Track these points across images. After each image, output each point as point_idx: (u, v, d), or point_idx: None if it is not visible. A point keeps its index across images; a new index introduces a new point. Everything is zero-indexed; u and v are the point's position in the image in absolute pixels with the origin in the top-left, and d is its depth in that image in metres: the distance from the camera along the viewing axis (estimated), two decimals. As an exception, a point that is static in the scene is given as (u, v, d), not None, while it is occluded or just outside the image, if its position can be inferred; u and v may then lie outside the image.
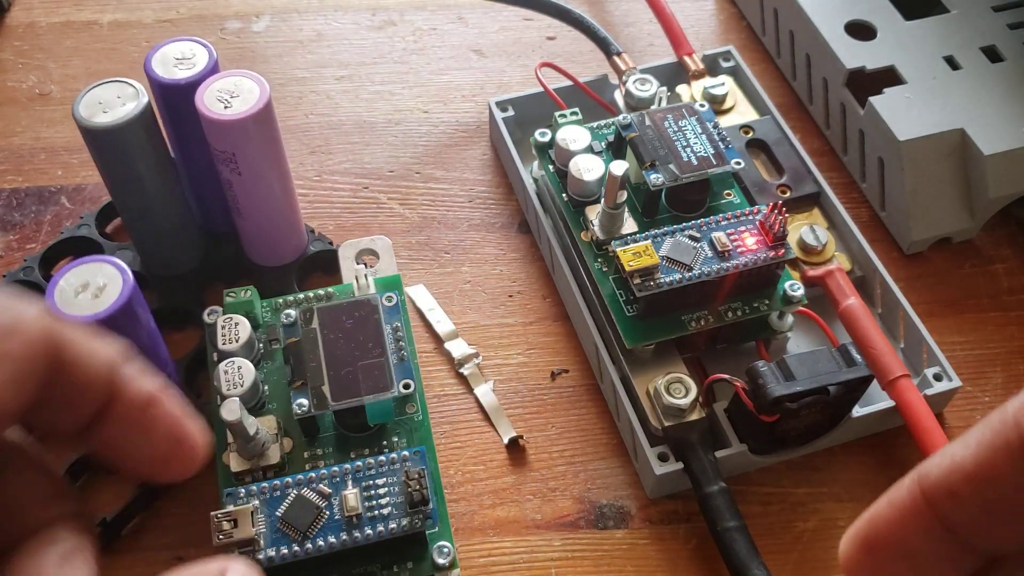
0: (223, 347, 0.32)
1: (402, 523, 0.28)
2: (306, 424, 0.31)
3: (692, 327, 0.33)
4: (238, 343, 0.32)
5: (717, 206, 0.37)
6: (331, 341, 0.31)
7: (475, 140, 0.44)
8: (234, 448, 0.30)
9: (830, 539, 0.33)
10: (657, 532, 0.33)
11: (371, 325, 0.32)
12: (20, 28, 0.48)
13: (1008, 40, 0.41)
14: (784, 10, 0.45)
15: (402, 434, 0.32)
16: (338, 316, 0.32)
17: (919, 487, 0.17)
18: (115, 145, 0.32)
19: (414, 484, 0.28)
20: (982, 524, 0.16)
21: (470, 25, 0.48)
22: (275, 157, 0.34)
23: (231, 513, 0.28)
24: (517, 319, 0.38)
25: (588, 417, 0.36)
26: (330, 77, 0.46)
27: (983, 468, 0.16)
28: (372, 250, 0.37)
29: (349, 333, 0.31)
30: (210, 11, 0.49)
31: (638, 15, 0.49)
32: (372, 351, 0.31)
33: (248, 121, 0.32)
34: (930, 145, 0.38)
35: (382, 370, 0.31)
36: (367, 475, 0.29)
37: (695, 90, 0.42)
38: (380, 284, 0.35)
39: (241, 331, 0.32)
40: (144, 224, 0.36)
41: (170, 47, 0.34)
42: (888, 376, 0.33)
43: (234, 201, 0.35)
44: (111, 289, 0.28)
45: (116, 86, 0.33)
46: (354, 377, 0.30)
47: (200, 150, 0.34)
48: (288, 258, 0.38)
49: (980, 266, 0.40)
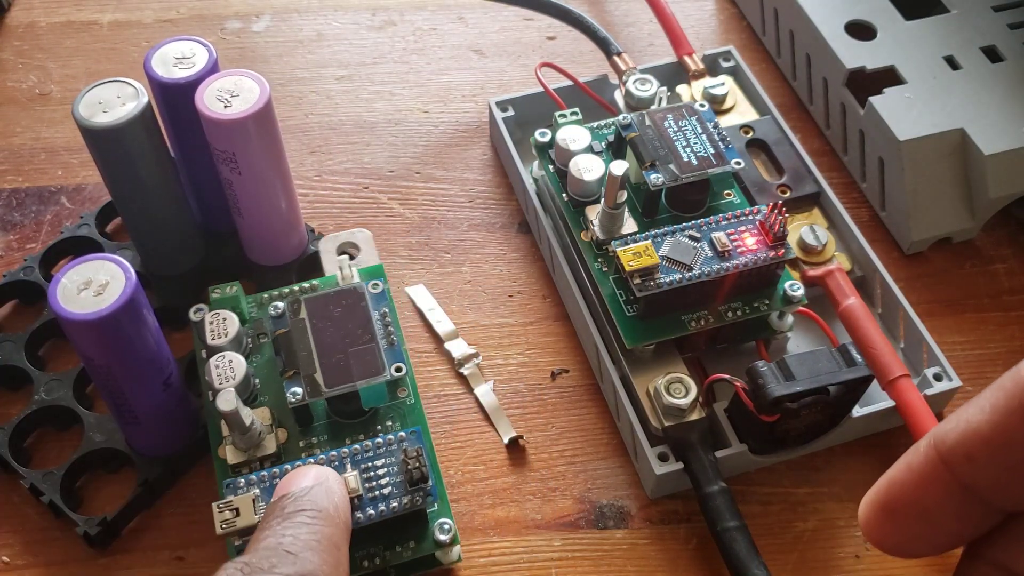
0: (212, 342, 0.32)
1: (403, 501, 0.28)
2: (300, 413, 0.31)
3: (692, 327, 0.33)
4: (227, 338, 0.32)
5: (717, 206, 0.37)
6: (320, 330, 0.31)
7: (475, 140, 0.44)
8: (230, 441, 0.30)
9: (830, 539, 0.33)
10: (657, 532, 0.33)
11: (359, 312, 0.32)
12: (20, 28, 0.48)
13: (1008, 40, 0.41)
14: (784, 10, 0.45)
15: (395, 418, 0.32)
16: (326, 305, 0.32)
17: (936, 451, 0.17)
18: (115, 145, 0.32)
19: (413, 462, 0.28)
20: (1000, 484, 0.17)
21: (470, 25, 0.48)
22: (275, 157, 0.34)
23: (232, 502, 0.28)
24: (517, 319, 0.38)
25: (588, 417, 0.36)
26: (330, 77, 0.46)
27: (998, 432, 0.16)
28: (353, 243, 0.37)
29: (338, 321, 0.32)
30: (210, 11, 0.49)
31: (638, 15, 0.49)
32: (362, 337, 0.31)
33: (248, 120, 0.32)
34: (930, 145, 0.38)
35: (373, 355, 0.31)
36: (365, 457, 0.29)
37: (695, 90, 0.42)
38: (364, 273, 0.35)
39: (229, 326, 0.32)
40: (144, 224, 0.36)
41: (170, 47, 0.34)
42: (888, 376, 0.33)
43: (234, 201, 0.35)
44: (114, 286, 0.28)
45: (116, 86, 0.33)
46: (346, 363, 0.31)
47: (200, 150, 0.34)
48: (289, 257, 0.38)
49: (980, 266, 0.40)
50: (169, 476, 0.33)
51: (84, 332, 0.28)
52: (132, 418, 0.31)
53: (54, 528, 0.32)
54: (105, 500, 0.33)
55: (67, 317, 0.27)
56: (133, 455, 0.33)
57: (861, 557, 0.32)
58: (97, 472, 0.34)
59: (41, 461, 0.34)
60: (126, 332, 0.29)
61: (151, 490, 0.33)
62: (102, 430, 0.33)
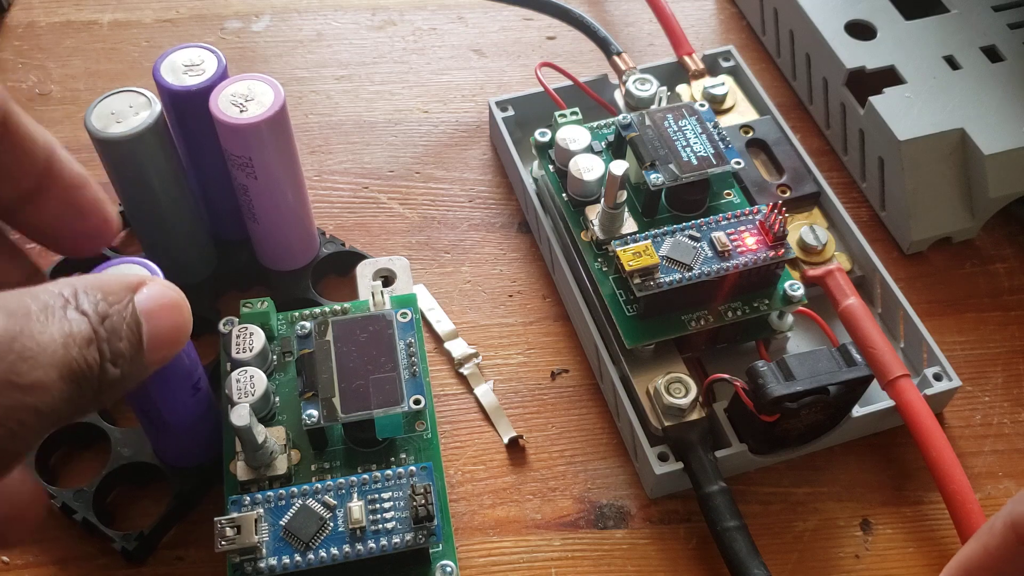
0: (237, 356, 0.32)
1: (406, 538, 0.28)
2: (315, 436, 0.31)
3: (692, 327, 0.33)
4: (252, 352, 0.32)
5: (717, 206, 0.37)
6: (344, 354, 0.31)
7: (475, 140, 0.44)
8: (241, 457, 0.30)
9: (830, 539, 0.33)
10: (657, 532, 0.33)
11: (384, 340, 0.31)
12: (20, 28, 0.48)
13: (1008, 40, 0.41)
14: (784, 10, 0.45)
15: (410, 451, 0.32)
16: (352, 329, 0.32)
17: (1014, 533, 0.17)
18: (130, 156, 0.32)
19: (419, 499, 0.28)
20: None
21: (470, 25, 0.48)
22: (291, 159, 0.34)
23: (235, 519, 0.27)
24: (517, 319, 0.38)
25: (588, 417, 0.36)
26: (330, 77, 0.46)
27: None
28: (390, 269, 0.37)
29: (362, 347, 0.31)
30: (210, 11, 0.49)
31: (638, 15, 0.49)
32: (384, 365, 0.31)
33: (266, 124, 0.31)
34: (930, 145, 0.38)
35: (393, 384, 0.30)
36: (373, 488, 0.29)
37: (695, 90, 0.42)
38: (396, 301, 0.34)
39: (256, 341, 0.32)
40: (158, 234, 0.35)
41: (177, 54, 0.33)
42: (888, 376, 0.33)
43: (248, 206, 0.35)
44: None
45: (127, 96, 0.32)
46: (365, 390, 0.30)
47: (211, 157, 0.34)
48: (302, 262, 0.38)
49: (980, 266, 0.40)
50: (203, 487, 0.33)
51: None
52: (163, 426, 0.31)
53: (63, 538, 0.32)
54: (136, 514, 0.33)
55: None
56: (164, 468, 0.32)
57: (861, 557, 0.32)
58: (124, 487, 0.33)
59: (66, 479, 0.34)
60: None
61: (185, 501, 0.32)
62: (129, 444, 0.33)
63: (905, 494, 0.34)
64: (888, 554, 0.32)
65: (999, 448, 0.35)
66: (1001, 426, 0.35)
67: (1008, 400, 0.36)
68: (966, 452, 0.35)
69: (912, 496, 0.34)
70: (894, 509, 0.33)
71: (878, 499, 0.34)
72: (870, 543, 0.33)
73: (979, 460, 0.35)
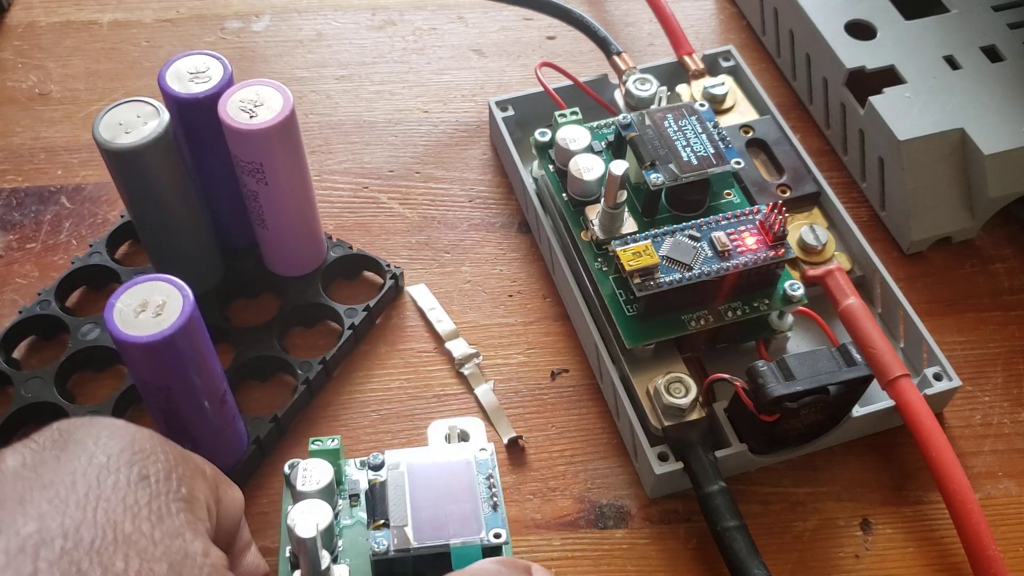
0: (302, 488, 0.29)
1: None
2: (381, 568, 0.29)
3: (692, 327, 0.33)
4: (318, 486, 0.30)
5: (717, 206, 0.37)
6: (419, 485, 0.29)
7: (475, 140, 0.44)
8: None
9: (830, 539, 0.33)
10: (657, 532, 0.33)
11: (461, 472, 0.30)
12: (20, 28, 0.48)
13: (1008, 40, 0.41)
14: (784, 10, 0.45)
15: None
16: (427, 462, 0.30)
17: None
18: (139, 166, 0.32)
19: None
20: None
21: (470, 25, 0.48)
22: (300, 163, 0.34)
23: None
24: (517, 319, 0.38)
25: (588, 417, 0.36)
26: (330, 77, 0.46)
27: None
28: (464, 431, 0.34)
29: (438, 479, 0.30)
30: (210, 11, 0.49)
31: (638, 15, 0.49)
32: (461, 497, 0.29)
33: (277, 129, 0.31)
34: (930, 145, 0.38)
35: (472, 515, 0.29)
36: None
37: (695, 90, 0.42)
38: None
39: (322, 475, 0.30)
40: (168, 243, 0.35)
41: (181, 62, 0.33)
42: (888, 376, 0.33)
43: (258, 212, 0.34)
44: (172, 305, 0.27)
45: (134, 105, 0.32)
46: (441, 519, 0.29)
47: (218, 164, 0.34)
48: (311, 266, 0.37)
49: (980, 266, 0.40)
50: None
51: (147, 355, 0.27)
52: (188, 438, 0.30)
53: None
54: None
55: (129, 341, 0.26)
56: None
57: (861, 557, 0.32)
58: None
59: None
60: (188, 351, 0.28)
61: None
62: None
63: (905, 494, 0.34)
64: (888, 554, 0.32)
65: (999, 448, 0.35)
66: (1001, 426, 0.35)
67: (1008, 400, 0.36)
68: (966, 452, 0.35)
69: (912, 496, 0.34)
70: (894, 509, 0.33)
71: (878, 499, 0.34)
72: (870, 543, 0.33)
73: (979, 460, 0.35)
